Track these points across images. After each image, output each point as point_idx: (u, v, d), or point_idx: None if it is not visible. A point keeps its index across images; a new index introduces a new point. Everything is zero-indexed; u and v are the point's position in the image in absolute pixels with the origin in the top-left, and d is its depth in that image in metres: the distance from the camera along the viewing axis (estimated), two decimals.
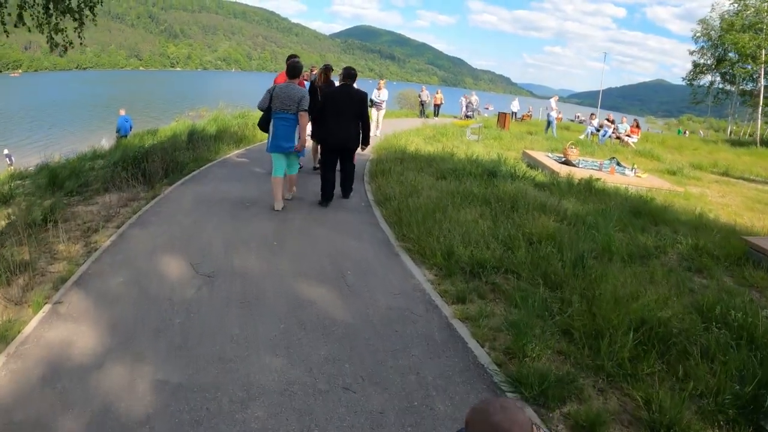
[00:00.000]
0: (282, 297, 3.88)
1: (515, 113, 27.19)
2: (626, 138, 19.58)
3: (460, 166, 8.70)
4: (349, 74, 6.43)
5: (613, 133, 19.94)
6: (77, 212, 6.01)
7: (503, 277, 4.58)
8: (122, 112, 16.43)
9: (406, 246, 5.13)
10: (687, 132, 37.73)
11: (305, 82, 7.62)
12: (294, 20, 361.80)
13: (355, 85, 6.50)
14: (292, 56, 6.72)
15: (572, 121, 29.99)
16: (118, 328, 3.32)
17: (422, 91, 25.93)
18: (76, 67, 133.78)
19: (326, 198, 6.46)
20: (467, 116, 26.00)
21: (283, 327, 3.45)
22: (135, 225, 5.34)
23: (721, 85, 33.64)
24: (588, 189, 8.45)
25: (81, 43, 6.66)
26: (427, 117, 24.13)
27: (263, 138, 11.87)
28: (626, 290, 4.15)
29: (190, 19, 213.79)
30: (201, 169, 8.18)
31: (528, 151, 12.11)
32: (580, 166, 10.97)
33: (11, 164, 17.22)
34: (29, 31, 6.44)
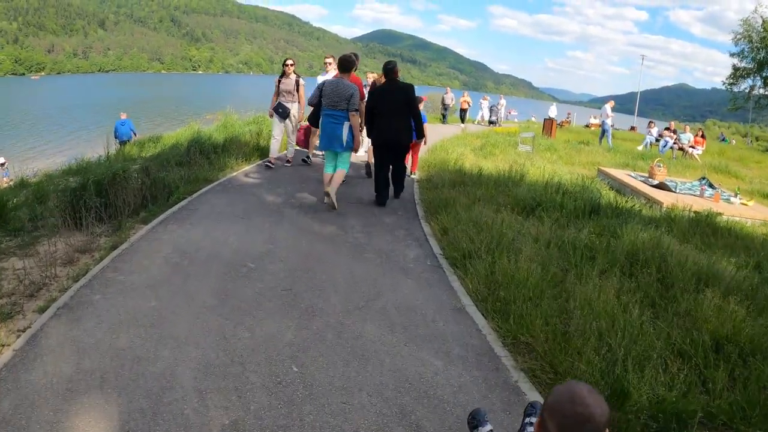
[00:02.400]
0: None
1: (553, 119, 24.88)
2: (690, 149, 17.17)
3: (541, 193, 6.43)
4: (389, 70, 6.11)
5: (675, 144, 17.54)
6: (3, 270, 3.96)
7: None
8: (123, 116, 14.71)
9: (530, 366, 2.86)
10: (734, 140, 34.83)
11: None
12: (315, 24, 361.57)
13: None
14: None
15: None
16: None
17: (446, 93, 23.65)
18: (99, 70, 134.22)
19: (381, 198, 6.22)
20: (491, 122, 24.00)
21: None
22: (64, 312, 3.17)
23: (762, 90, 31.18)
24: (712, 229, 6.22)
25: None
26: (450, 123, 22.05)
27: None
28: None
29: (212, 22, 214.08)
30: (194, 196, 5.99)
31: (606, 170, 9.79)
32: (677, 191, 8.68)
33: (5, 176, 15.42)
34: None
